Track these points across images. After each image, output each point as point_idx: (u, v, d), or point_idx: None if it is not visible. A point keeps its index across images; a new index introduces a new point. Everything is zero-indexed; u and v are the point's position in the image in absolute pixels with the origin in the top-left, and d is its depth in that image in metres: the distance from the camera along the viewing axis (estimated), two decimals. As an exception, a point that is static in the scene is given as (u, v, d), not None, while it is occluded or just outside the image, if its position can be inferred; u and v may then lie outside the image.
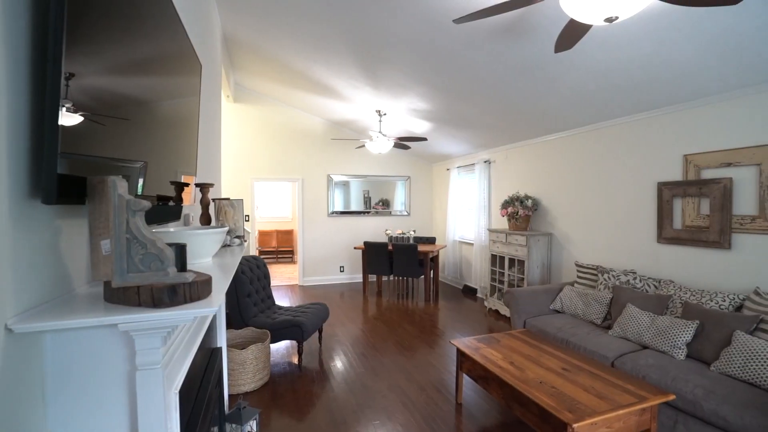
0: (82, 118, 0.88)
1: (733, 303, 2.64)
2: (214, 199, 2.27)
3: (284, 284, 7.08)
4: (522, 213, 4.77)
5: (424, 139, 5.06)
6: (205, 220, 2.03)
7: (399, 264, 5.79)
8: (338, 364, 3.55)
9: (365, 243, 5.98)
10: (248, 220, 6.63)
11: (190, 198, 2.28)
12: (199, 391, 1.57)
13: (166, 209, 1.60)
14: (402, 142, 5.40)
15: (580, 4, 1.51)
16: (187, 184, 1.91)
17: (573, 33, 1.95)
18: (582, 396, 2.03)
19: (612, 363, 2.69)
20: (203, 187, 2.02)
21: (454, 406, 2.81)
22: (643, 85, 3.04)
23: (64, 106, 0.80)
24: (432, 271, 6.02)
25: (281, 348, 3.93)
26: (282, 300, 5.90)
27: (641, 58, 2.67)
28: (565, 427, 1.83)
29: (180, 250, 0.91)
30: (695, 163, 3.10)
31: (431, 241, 6.60)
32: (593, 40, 2.57)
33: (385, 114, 5.36)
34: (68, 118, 0.82)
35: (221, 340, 2.31)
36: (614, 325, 3.09)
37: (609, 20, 1.56)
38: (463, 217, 6.73)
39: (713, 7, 2.02)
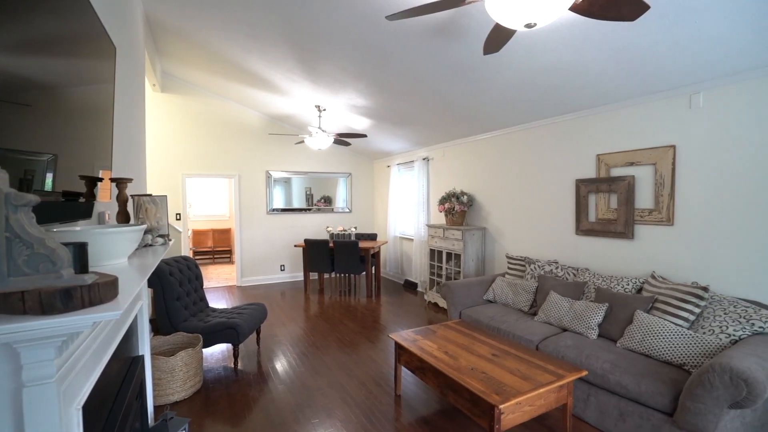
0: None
1: (635, 286, 2.99)
2: (132, 196, 2.09)
3: (221, 285, 6.73)
4: (458, 208, 4.98)
5: (364, 135, 5.07)
6: (123, 218, 1.85)
7: (340, 261, 5.76)
8: (277, 365, 3.46)
9: (306, 240, 5.87)
10: (179, 219, 6.19)
11: (109, 194, 2.07)
12: (115, 405, 1.44)
13: (73, 206, 1.44)
14: (342, 139, 5.36)
15: (503, 9, 1.61)
16: (100, 179, 1.73)
17: (499, 37, 2.06)
18: (508, 379, 2.17)
19: (537, 346, 2.91)
20: (120, 183, 1.84)
21: (394, 398, 2.87)
22: (563, 89, 3.31)
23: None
24: (373, 267, 6.08)
25: (216, 352, 3.73)
26: (219, 302, 5.60)
27: (561, 64, 2.90)
28: (492, 408, 1.95)
29: (78, 250, 0.82)
30: (606, 162, 3.45)
31: (372, 237, 6.65)
32: (519, 45, 2.74)
33: (324, 109, 5.28)
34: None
35: (144, 348, 2.13)
36: (539, 311, 3.35)
37: (528, 26, 1.67)
38: (403, 213, 6.86)
39: (615, 21, 2.25)
